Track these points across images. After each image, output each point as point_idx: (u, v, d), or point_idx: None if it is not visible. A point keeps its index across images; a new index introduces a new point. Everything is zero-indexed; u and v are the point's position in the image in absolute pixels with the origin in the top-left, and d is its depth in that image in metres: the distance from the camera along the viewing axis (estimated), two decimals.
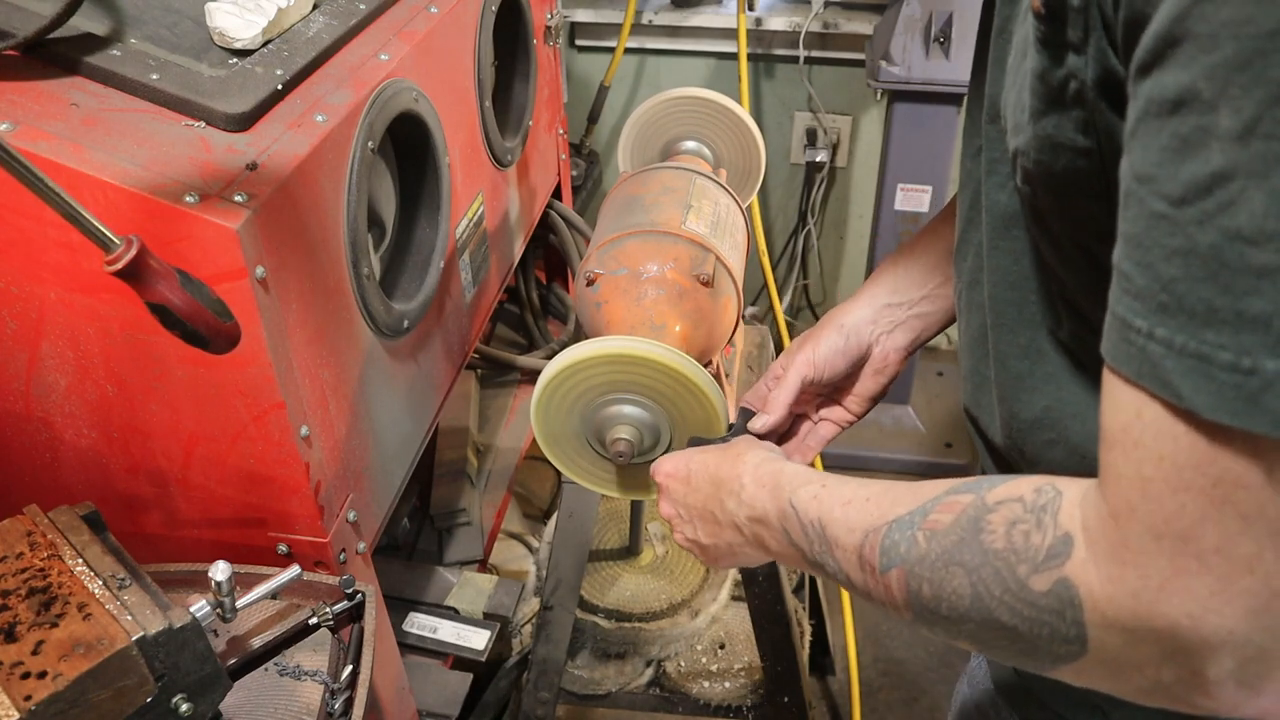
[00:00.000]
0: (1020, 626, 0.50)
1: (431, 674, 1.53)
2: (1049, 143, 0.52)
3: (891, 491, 0.60)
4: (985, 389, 0.70)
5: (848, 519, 0.61)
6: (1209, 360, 0.39)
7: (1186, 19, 0.38)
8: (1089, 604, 0.46)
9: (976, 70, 0.67)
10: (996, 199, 0.63)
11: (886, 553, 0.57)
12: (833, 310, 0.95)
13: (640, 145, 1.43)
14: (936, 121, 2.18)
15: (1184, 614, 0.43)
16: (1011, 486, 0.53)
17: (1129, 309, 0.43)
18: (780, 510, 0.68)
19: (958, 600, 0.52)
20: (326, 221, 1.00)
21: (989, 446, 0.72)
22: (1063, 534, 0.48)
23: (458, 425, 1.93)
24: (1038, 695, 0.75)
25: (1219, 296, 0.39)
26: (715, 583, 1.82)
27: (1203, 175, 0.39)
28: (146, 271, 0.71)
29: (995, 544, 0.51)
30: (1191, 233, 0.39)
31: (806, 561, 0.66)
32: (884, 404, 2.61)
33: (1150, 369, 0.42)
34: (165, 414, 0.96)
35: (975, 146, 0.67)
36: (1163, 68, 0.40)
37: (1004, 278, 0.63)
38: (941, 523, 0.54)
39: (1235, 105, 0.37)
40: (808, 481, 0.67)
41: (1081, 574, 0.47)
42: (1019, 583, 0.49)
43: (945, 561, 0.53)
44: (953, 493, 0.56)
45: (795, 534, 0.66)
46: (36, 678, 0.68)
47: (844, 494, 0.63)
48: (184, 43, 0.98)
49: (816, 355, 0.92)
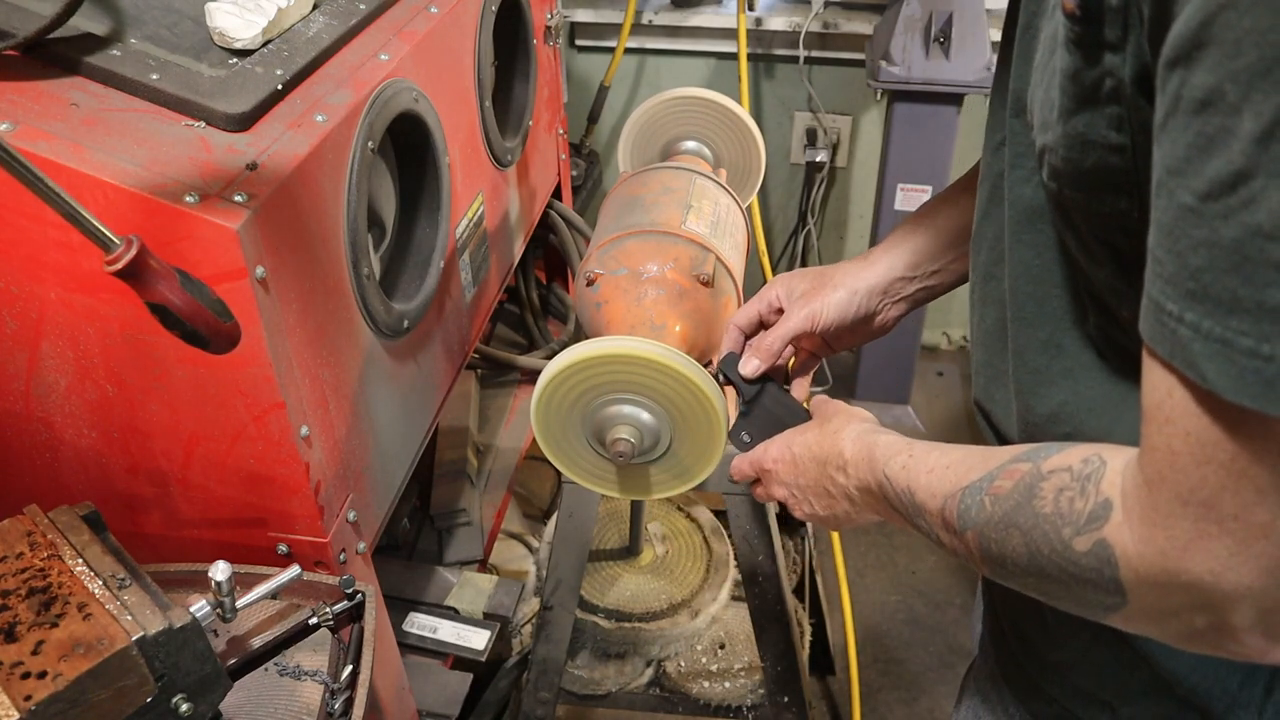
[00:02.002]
0: (1069, 582, 0.55)
1: (431, 674, 1.53)
2: (1079, 140, 0.54)
3: (968, 459, 0.64)
4: (1000, 382, 0.71)
5: (931, 486, 0.66)
6: (1231, 345, 0.42)
7: (1212, 24, 0.40)
8: (1123, 562, 0.51)
9: (1001, 64, 0.68)
10: (1020, 193, 0.64)
11: (962, 516, 0.62)
12: (844, 267, 0.96)
13: (640, 145, 1.43)
14: (936, 121, 2.18)
15: (1206, 570, 0.47)
16: (1064, 456, 0.57)
17: (1162, 292, 0.45)
18: (878, 481, 0.73)
19: (1017, 558, 0.58)
20: (326, 221, 1.00)
21: (1002, 440, 0.73)
22: (1103, 500, 0.52)
23: (458, 425, 1.93)
24: (1045, 690, 0.75)
25: (1242, 287, 0.41)
26: (715, 583, 1.82)
27: (1226, 173, 0.41)
28: (146, 271, 0.71)
29: (1044, 509, 0.56)
30: (1216, 226, 0.42)
31: (909, 523, 0.71)
32: (884, 404, 2.62)
33: (1180, 350, 0.44)
34: (165, 414, 0.96)
35: (998, 140, 0.67)
36: (1189, 67, 0.42)
37: (1025, 271, 0.65)
38: (1004, 488, 0.59)
39: (1257, 109, 0.39)
40: (898, 452, 0.72)
41: (1117, 535, 0.51)
42: (1064, 544, 0.54)
43: (1006, 524, 0.58)
44: (1015, 461, 0.60)
45: (894, 500, 0.71)
46: (36, 678, 0.68)
47: (929, 462, 0.68)
48: (184, 43, 0.98)
49: (823, 315, 0.95)
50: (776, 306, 0.98)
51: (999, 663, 0.82)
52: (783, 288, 0.98)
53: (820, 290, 0.95)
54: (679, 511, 1.96)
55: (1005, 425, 0.71)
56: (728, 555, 1.86)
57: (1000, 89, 0.67)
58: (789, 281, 0.98)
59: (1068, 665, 0.73)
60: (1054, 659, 0.74)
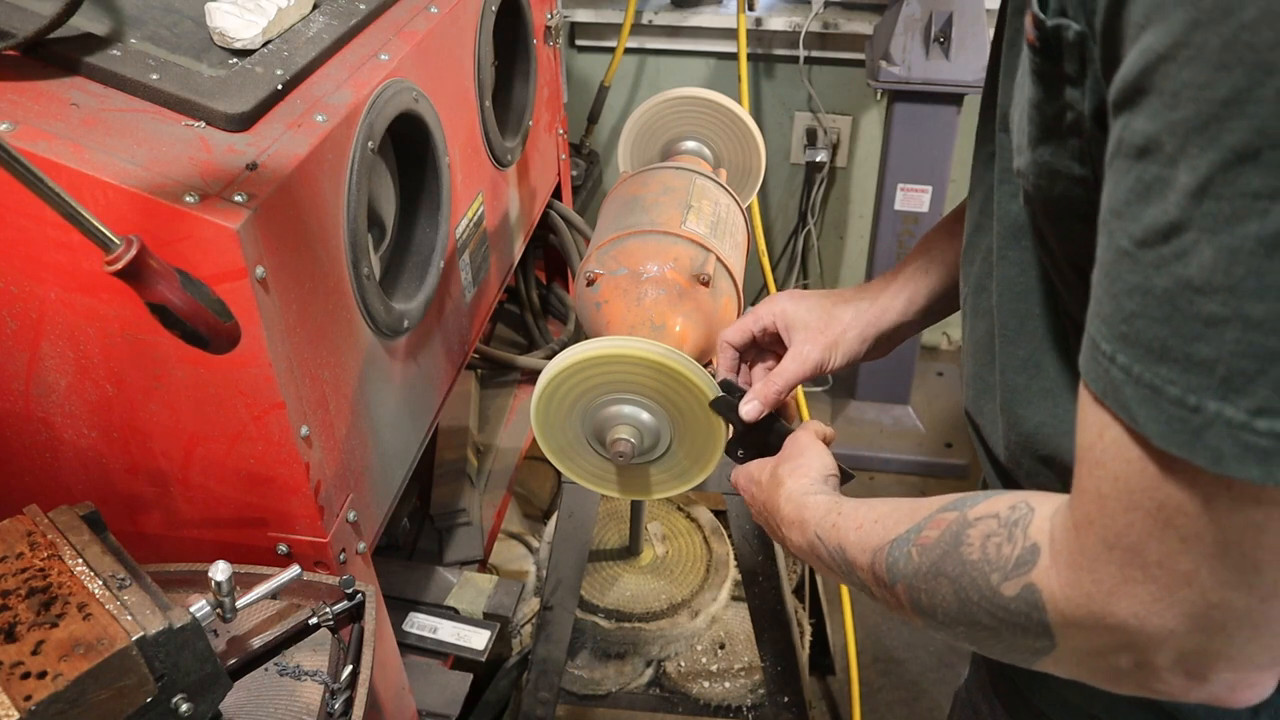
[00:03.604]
0: (998, 628, 0.55)
1: (431, 674, 1.53)
2: (1047, 169, 0.53)
3: (895, 512, 0.65)
4: (988, 396, 0.70)
5: (860, 542, 0.67)
6: (1160, 393, 0.42)
7: (1153, 73, 0.40)
8: (1050, 605, 0.51)
9: (990, 76, 0.67)
10: (1008, 208, 0.63)
11: (891, 569, 0.62)
12: (853, 304, 0.92)
13: (640, 145, 1.43)
14: (936, 121, 2.18)
15: (1131, 614, 0.47)
16: (990, 504, 0.57)
17: (1098, 330, 0.45)
18: (809, 543, 0.74)
19: (947, 607, 0.58)
20: (326, 221, 1.00)
21: (990, 455, 0.72)
22: (1030, 544, 0.53)
23: (458, 425, 1.93)
24: (1034, 703, 0.75)
25: (1171, 337, 0.41)
26: (715, 583, 1.82)
27: (1161, 223, 0.41)
28: (146, 271, 0.71)
29: (972, 555, 0.56)
30: (1149, 274, 0.42)
31: (846, 581, 0.71)
32: (884, 404, 2.63)
33: (1113, 391, 0.45)
34: (165, 414, 0.96)
35: (988, 152, 0.67)
36: (1131, 112, 0.42)
37: (1010, 288, 0.64)
38: (930, 538, 0.60)
39: (1192, 164, 0.39)
40: (827, 512, 0.73)
41: (1044, 579, 0.51)
42: (992, 589, 0.54)
43: (934, 573, 0.58)
44: (941, 510, 0.61)
45: (827, 560, 0.72)
46: (36, 678, 0.68)
47: (856, 518, 0.69)
48: (184, 43, 0.98)
49: (832, 363, 0.92)
50: (773, 331, 0.94)
51: (989, 675, 0.82)
52: (781, 315, 0.93)
53: (827, 330, 0.91)
54: (679, 511, 1.96)
55: (992, 440, 0.71)
56: (728, 555, 1.86)
57: (989, 102, 0.67)
58: (789, 308, 0.93)
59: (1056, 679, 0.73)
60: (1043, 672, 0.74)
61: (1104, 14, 0.44)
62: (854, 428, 2.59)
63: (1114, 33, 0.43)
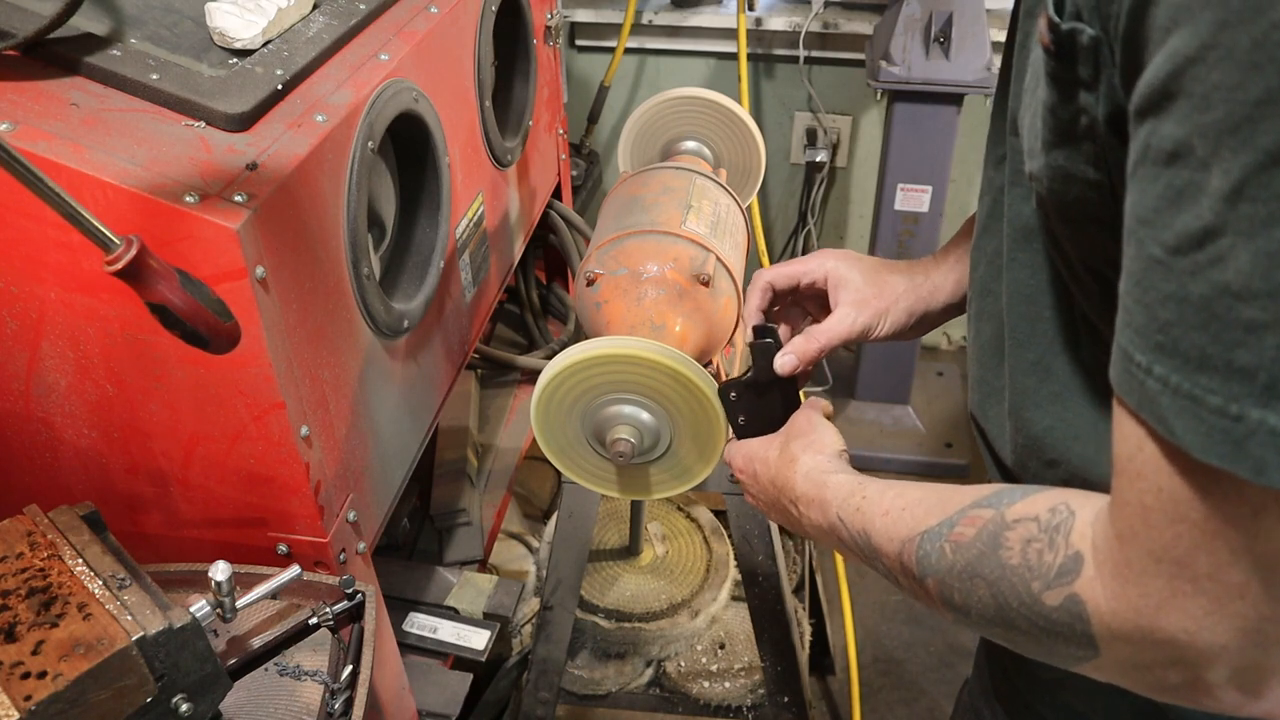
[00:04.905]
0: (1038, 634, 0.53)
1: (431, 674, 1.53)
2: (1061, 173, 0.53)
3: (925, 501, 0.63)
4: (995, 399, 0.69)
5: (887, 530, 0.64)
6: (1200, 403, 0.41)
7: (1181, 77, 0.39)
8: (1095, 618, 0.49)
9: (1001, 78, 0.67)
10: (1019, 211, 0.62)
11: (921, 563, 0.60)
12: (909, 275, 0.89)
13: (640, 145, 1.43)
14: (936, 122, 2.18)
15: (1181, 629, 0.46)
16: (1029, 504, 0.55)
17: (1131, 342, 0.44)
18: (830, 524, 0.72)
19: (983, 608, 0.56)
20: (326, 221, 1.00)
21: (996, 459, 0.72)
22: (1073, 553, 0.51)
23: (458, 425, 1.93)
24: (1037, 709, 0.75)
25: (1210, 345, 0.40)
26: (715, 583, 1.82)
27: (1195, 229, 0.40)
28: (146, 271, 0.71)
29: (1011, 560, 0.54)
30: (1185, 282, 0.41)
31: (867, 564, 0.69)
32: (884, 404, 2.62)
33: (1149, 403, 0.43)
34: (165, 414, 0.96)
35: (999, 155, 0.66)
36: (1158, 118, 0.41)
37: (1020, 291, 0.63)
38: (965, 536, 0.58)
39: (1225, 167, 0.38)
40: (850, 494, 0.70)
41: (1089, 590, 0.50)
42: (1033, 597, 0.52)
43: (969, 574, 0.57)
44: (976, 506, 0.58)
45: (849, 543, 0.70)
46: (36, 678, 0.68)
47: (883, 504, 0.66)
48: (184, 43, 0.98)
49: (879, 331, 0.89)
50: (821, 287, 0.91)
51: (992, 679, 0.82)
52: (834, 272, 0.90)
53: (880, 298, 0.89)
54: (679, 511, 1.96)
55: (998, 443, 0.70)
56: (728, 555, 1.86)
57: (1001, 104, 0.66)
58: (841, 267, 0.90)
59: (1059, 684, 0.73)
60: (1046, 677, 0.74)
61: (1126, 20, 0.43)
62: (854, 428, 2.59)
63: (1136, 38, 0.43)
